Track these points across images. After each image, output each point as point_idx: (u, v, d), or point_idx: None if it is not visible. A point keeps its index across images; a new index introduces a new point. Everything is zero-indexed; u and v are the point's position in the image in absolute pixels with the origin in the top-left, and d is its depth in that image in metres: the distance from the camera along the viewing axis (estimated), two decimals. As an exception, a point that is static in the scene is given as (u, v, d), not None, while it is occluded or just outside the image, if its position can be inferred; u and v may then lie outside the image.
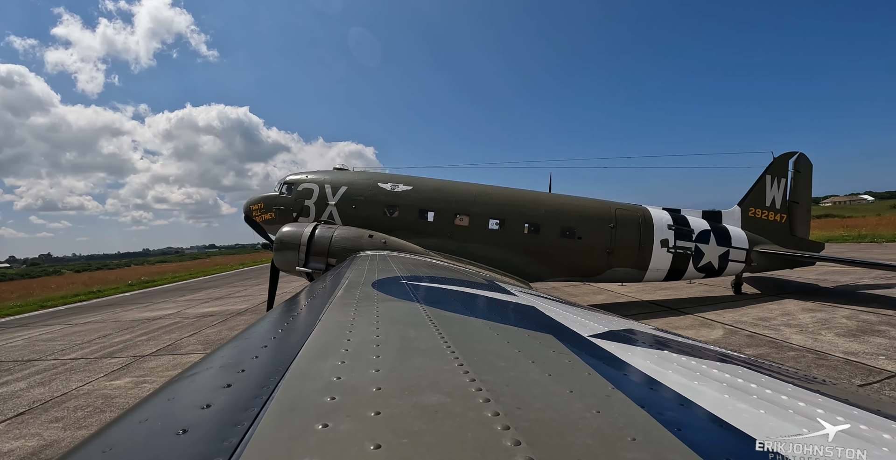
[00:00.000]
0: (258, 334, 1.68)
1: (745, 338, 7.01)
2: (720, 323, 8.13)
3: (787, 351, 6.17)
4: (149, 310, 16.02)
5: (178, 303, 17.51)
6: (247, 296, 17.67)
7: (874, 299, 9.69)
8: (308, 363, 1.18)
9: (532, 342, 1.68)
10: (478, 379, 1.06)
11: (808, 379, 1.60)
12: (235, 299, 17.25)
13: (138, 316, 14.81)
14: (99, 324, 13.48)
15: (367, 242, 8.59)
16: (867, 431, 0.99)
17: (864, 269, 13.55)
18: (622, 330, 2.19)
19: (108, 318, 14.81)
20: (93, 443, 0.78)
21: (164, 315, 14.34)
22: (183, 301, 18.37)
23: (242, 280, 27.42)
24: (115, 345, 9.88)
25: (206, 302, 17.13)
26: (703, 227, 10.39)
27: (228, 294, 19.50)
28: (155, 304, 17.93)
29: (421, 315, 1.94)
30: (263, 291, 13.58)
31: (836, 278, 12.80)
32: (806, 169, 11.63)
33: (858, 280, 12.23)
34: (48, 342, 11.22)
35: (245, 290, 20.41)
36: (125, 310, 16.76)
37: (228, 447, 0.72)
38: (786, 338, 6.81)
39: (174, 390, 1.05)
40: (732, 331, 7.47)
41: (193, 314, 13.96)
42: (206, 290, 22.41)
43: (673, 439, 0.81)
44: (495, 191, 10.24)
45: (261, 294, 16.60)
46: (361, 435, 0.75)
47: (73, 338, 11.48)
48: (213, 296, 19.29)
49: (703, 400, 1.10)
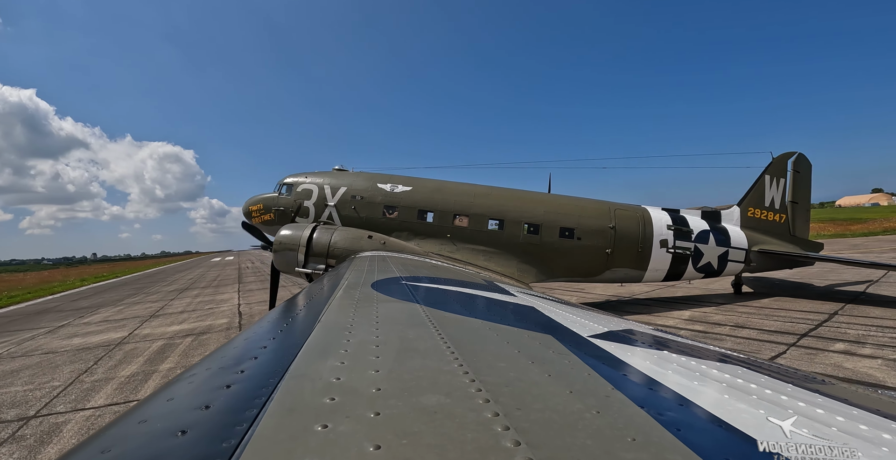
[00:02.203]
0: (257, 335, 1.68)
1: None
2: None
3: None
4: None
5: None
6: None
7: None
8: (307, 364, 1.18)
9: (531, 342, 1.68)
10: (477, 379, 1.06)
11: (808, 379, 1.60)
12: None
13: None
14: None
15: (367, 243, 8.59)
16: (867, 431, 0.99)
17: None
18: (621, 330, 2.19)
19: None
20: (92, 444, 0.78)
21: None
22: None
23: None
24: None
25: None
26: (703, 228, 10.40)
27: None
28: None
29: (420, 316, 1.94)
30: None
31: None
32: (805, 169, 11.66)
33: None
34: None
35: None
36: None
37: (228, 448, 0.72)
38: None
39: (173, 391, 1.05)
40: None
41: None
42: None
43: (673, 439, 0.81)
44: (494, 192, 10.24)
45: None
46: (361, 436, 0.75)
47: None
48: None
49: (702, 400, 1.10)
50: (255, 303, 14.73)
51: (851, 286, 11.59)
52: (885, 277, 12.80)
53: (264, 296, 15.31)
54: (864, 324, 7.46)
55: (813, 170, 11.77)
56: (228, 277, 28.15)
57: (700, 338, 7.11)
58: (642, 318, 9.01)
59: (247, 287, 20.63)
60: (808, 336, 6.98)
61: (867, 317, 7.98)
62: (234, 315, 12.44)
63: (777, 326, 7.74)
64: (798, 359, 5.83)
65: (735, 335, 7.35)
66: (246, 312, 12.74)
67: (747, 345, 6.66)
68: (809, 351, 6.19)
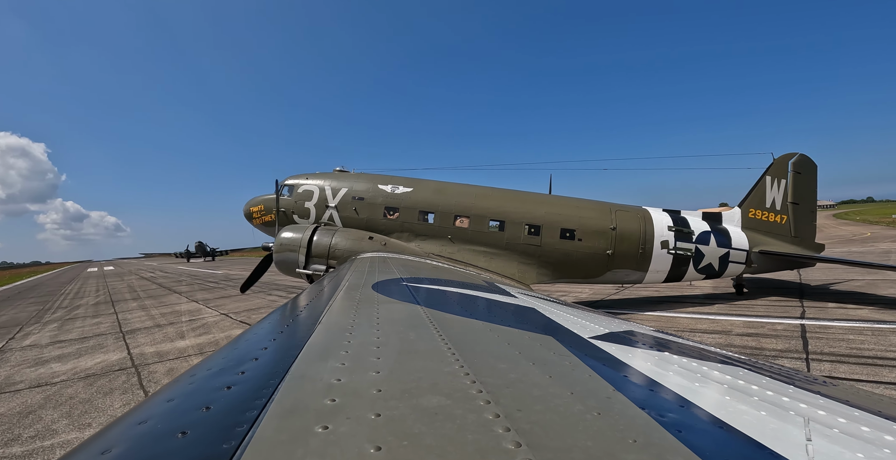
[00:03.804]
0: (258, 336, 1.68)
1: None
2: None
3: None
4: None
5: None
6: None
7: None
8: (308, 365, 1.18)
9: (532, 344, 1.67)
10: (478, 380, 1.06)
11: (809, 381, 1.59)
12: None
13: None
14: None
15: (368, 244, 8.60)
16: (868, 433, 0.99)
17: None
18: (622, 331, 2.19)
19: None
20: (91, 445, 0.78)
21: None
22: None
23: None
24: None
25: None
26: (704, 229, 10.39)
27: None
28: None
29: (421, 317, 1.94)
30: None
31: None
32: (808, 170, 11.63)
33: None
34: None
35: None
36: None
37: (228, 449, 0.71)
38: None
39: (174, 392, 1.05)
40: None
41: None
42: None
43: (674, 441, 0.80)
44: (495, 193, 10.25)
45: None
46: (362, 437, 0.75)
47: None
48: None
49: (703, 401, 1.09)
50: (240, 311, 12.86)
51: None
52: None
53: (239, 304, 14.15)
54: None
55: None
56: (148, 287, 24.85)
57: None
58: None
59: (196, 294, 18.20)
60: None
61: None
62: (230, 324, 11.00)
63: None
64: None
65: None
66: (245, 320, 11.61)
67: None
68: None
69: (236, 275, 30.63)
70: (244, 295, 14.72)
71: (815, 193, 11.74)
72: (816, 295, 10.80)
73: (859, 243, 24.91)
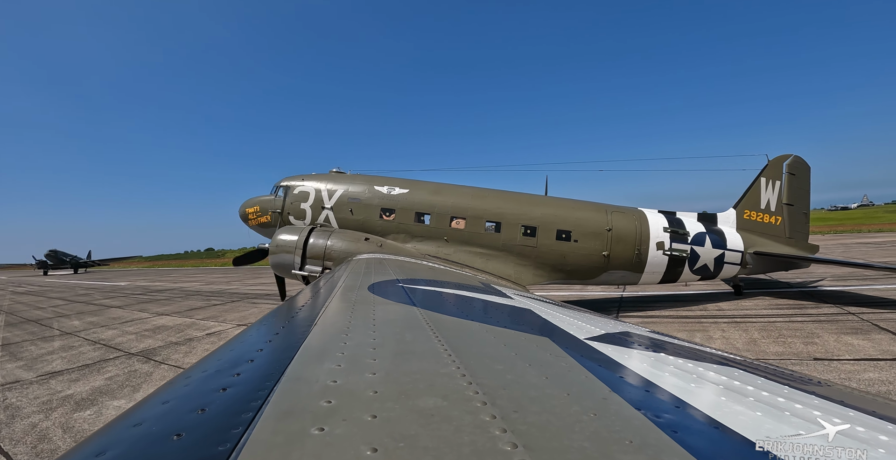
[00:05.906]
0: (254, 337, 1.67)
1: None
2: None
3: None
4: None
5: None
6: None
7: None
8: (304, 366, 1.17)
9: (528, 345, 1.68)
10: (474, 382, 1.06)
11: (805, 381, 1.60)
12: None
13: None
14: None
15: (364, 246, 8.58)
16: (864, 433, 0.99)
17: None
18: (618, 332, 2.19)
19: None
20: (86, 448, 0.77)
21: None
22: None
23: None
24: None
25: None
26: (699, 230, 10.44)
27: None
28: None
29: (417, 318, 1.94)
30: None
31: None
32: (802, 171, 11.72)
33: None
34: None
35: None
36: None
37: (224, 451, 0.71)
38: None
39: (169, 394, 1.04)
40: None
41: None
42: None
43: (670, 442, 0.81)
44: (491, 194, 10.26)
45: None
46: (358, 439, 0.75)
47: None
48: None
49: (699, 402, 1.10)
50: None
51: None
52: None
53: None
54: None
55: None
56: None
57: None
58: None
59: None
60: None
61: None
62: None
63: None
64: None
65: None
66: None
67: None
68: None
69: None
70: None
71: (808, 194, 11.84)
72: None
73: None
